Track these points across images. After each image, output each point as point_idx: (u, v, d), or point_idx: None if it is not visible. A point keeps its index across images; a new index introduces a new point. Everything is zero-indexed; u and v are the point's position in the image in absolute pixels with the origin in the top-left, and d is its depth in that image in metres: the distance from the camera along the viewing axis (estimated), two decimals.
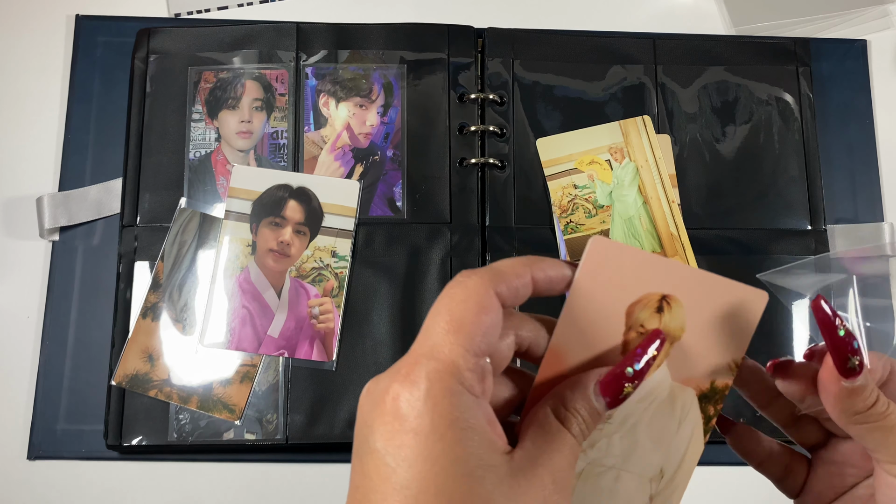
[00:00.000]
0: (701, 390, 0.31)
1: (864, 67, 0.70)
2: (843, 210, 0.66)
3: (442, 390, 0.25)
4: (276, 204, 0.61)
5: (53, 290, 0.61)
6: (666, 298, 0.30)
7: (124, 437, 0.57)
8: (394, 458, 0.24)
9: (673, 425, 0.31)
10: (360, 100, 0.64)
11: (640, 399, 0.31)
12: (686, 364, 0.31)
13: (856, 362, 0.29)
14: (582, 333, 0.30)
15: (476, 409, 0.25)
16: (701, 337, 0.31)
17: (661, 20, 0.71)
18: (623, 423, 0.31)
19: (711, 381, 0.31)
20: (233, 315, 0.59)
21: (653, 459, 0.31)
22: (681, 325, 0.31)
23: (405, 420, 0.25)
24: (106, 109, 0.65)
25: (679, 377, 0.31)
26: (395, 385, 0.25)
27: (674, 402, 0.31)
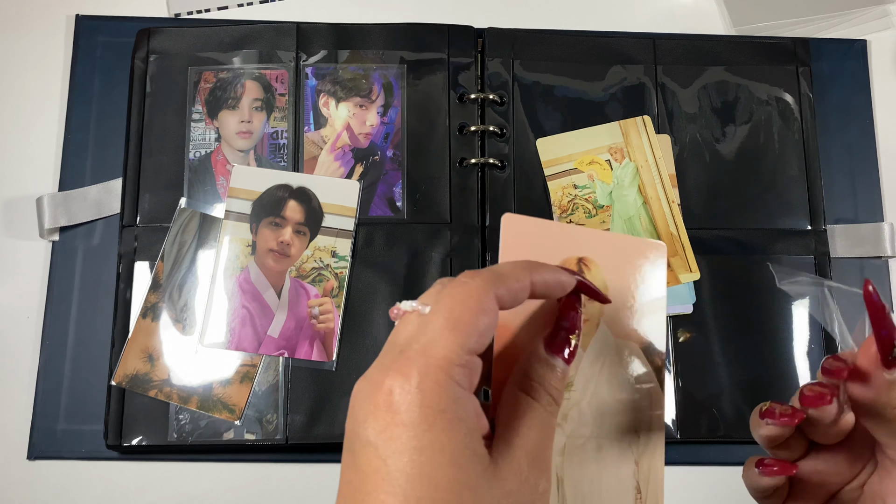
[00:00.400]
0: (641, 343, 0.33)
1: (864, 67, 0.70)
2: (843, 210, 0.66)
3: (432, 383, 0.26)
4: (276, 204, 0.61)
5: (53, 290, 0.61)
6: (582, 260, 0.33)
7: (124, 437, 0.57)
8: (385, 450, 0.25)
9: (629, 379, 0.33)
10: (360, 100, 0.64)
11: (591, 362, 0.33)
12: (619, 320, 0.33)
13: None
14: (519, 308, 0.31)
15: (465, 402, 0.26)
16: (623, 291, 0.33)
17: (661, 20, 0.71)
18: (585, 388, 0.32)
19: (646, 332, 0.33)
20: (233, 315, 0.59)
21: (624, 420, 0.32)
22: (602, 283, 0.33)
23: (397, 412, 0.25)
24: (106, 109, 0.65)
25: (620, 334, 0.33)
26: (388, 380, 0.26)
27: (622, 357, 0.33)
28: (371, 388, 0.26)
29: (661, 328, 0.33)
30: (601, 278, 0.33)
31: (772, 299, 0.62)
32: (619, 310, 0.33)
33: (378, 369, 0.27)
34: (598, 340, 0.33)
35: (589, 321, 0.33)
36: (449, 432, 0.25)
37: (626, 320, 0.33)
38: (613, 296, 0.33)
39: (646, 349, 0.33)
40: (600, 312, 0.33)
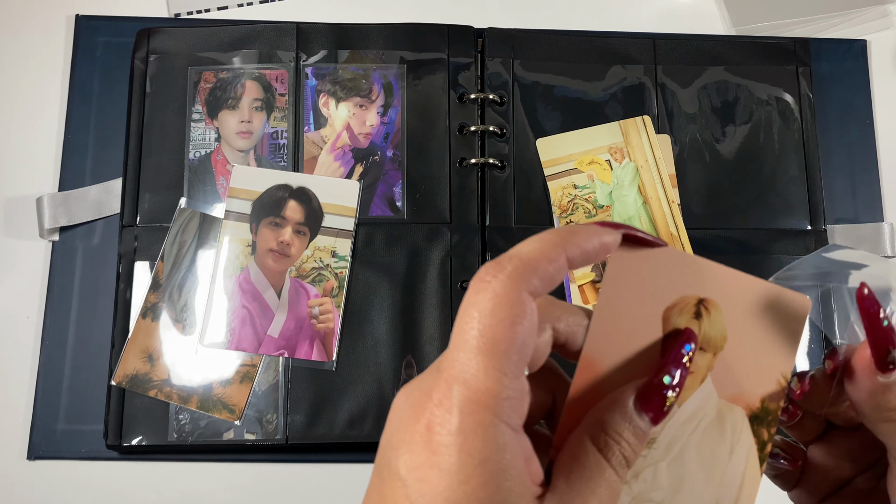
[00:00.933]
0: (751, 410, 0.28)
1: (864, 67, 0.70)
2: (842, 210, 0.66)
3: (474, 425, 0.22)
4: (276, 204, 0.61)
5: (53, 290, 0.61)
6: (703, 303, 0.28)
7: (124, 437, 0.57)
8: (414, 491, 0.23)
9: (724, 451, 0.28)
10: (360, 100, 0.64)
11: (685, 420, 0.28)
12: (731, 378, 0.28)
13: (894, 356, 0.28)
14: (616, 340, 0.27)
15: (513, 446, 0.23)
16: (744, 346, 0.28)
17: (661, 20, 0.71)
18: (669, 448, 0.28)
19: (761, 400, 0.28)
20: (233, 315, 0.59)
21: (705, 493, 0.28)
22: (721, 333, 0.28)
23: (433, 453, 0.23)
24: (106, 109, 0.65)
25: (726, 394, 0.28)
26: (428, 412, 0.23)
27: (723, 423, 0.28)
28: (411, 413, 0.23)
29: (780, 398, 0.28)
30: (721, 326, 0.28)
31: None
32: (734, 367, 0.28)
33: (420, 389, 0.24)
34: (700, 397, 0.28)
35: (694, 374, 0.28)
36: (488, 487, 0.22)
37: (741, 380, 0.28)
38: (731, 349, 0.28)
39: (754, 418, 0.28)
40: (709, 366, 0.28)
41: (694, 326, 0.27)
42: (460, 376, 0.23)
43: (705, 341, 0.28)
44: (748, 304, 0.28)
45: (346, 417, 0.58)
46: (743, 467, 0.28)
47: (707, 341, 0.28)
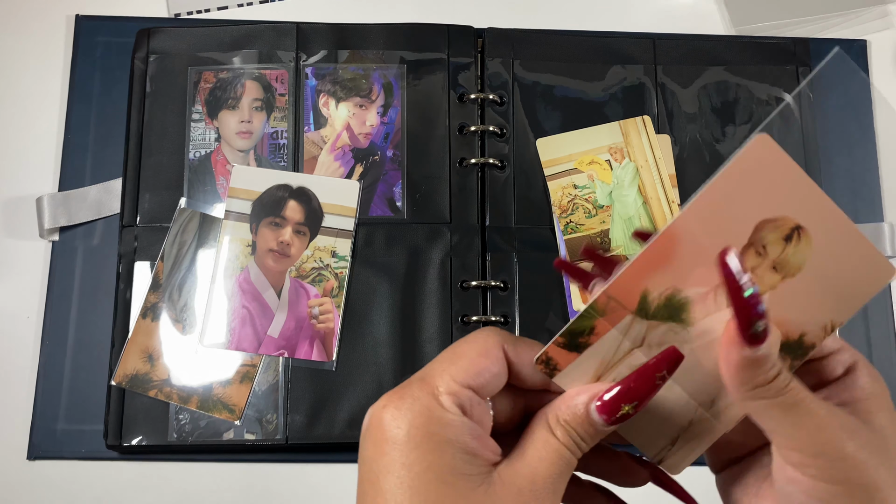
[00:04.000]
0: (788, 337, 0.29)
1: (864, 67, 0.70)
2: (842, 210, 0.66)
3: (422, 407, 0.28)
4: (276, 204, 0.61)
5: (53, 290, 0.61)
6: (800, 230, 0.28)
7: (124, 437, 0.57)
8: (378, 465, 0.27)
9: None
10: (359, 100, 0.64)
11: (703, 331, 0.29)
12: (786, 305, 0.29)
13: (761, 328, 0.26)
14: (705, 227, 0.28)
15: (457, 427, 0.28)
16: (814, 283, 0.29)
17: (661, 20, 0.71)
18: (701, 337, 0.29)
19: (801, 334, 0.29)
20: (233, 315, 0.59)
21: (709, 387, 0.29)
22: (800, 263, 0.29)
23: (387, 430, 0.27)
24: (106, 109, 0.65)
25: (774, 315, 0.28)
26: (385, 402, 0.28)
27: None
28: (372, 410, 0.28)
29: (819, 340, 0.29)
30: (804, 257, 0.28)
31: None
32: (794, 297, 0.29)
33: (385, 394, 0.29)
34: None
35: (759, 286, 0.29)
36: (436, 453, 0.27)
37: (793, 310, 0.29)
38: (801, 280, 0.29)
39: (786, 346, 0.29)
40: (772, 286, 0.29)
41: (778, 246, 0.28)
42: (422, 376, 0.29)
43: (782, 263, 0.28)
44: (839, 249, 0.29)
45: (346, 417, 0.58)
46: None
47: (784, 265, 0.28)
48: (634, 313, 0.29)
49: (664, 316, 0.29)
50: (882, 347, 0.63)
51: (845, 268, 0.29)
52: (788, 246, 0.28)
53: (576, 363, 0.29)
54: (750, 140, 0.28)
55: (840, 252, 0.29)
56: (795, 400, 0.27)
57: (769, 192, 0.28)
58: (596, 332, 0.29)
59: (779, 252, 0.28)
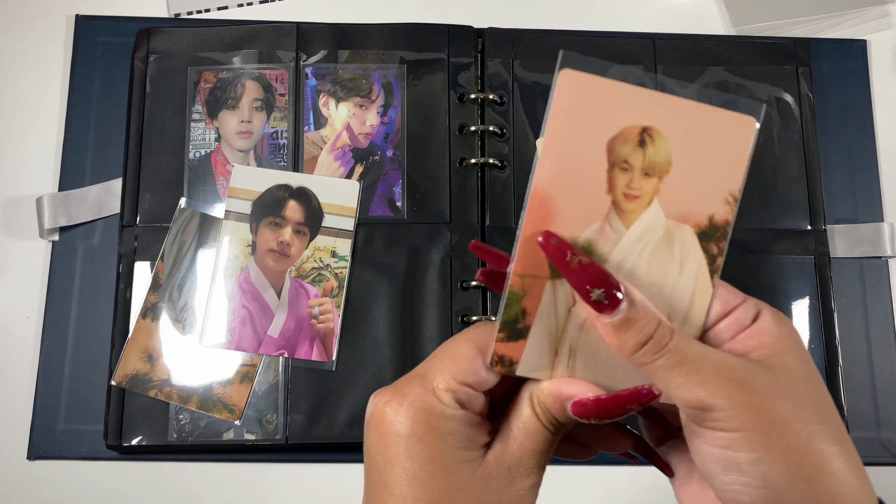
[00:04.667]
0: (700, 227, 0.30)
1: (864, 67, 0.70)
2: (842, 210, 0.66)
3: (423, 404, 0.29)
4: (276, 204, 0.61)
5: (53, 290, 0.61)
6: (647, 131, 0.29)
7: (124, 437, 0.57)
8: (382, 458, 0.29)
9: (674, 267, 0.30)
10: (359, 100, 0.64)
11: (634, 240, 0.30)
12: (679, 200, 0.30)
13: (600, 294, 0.27)
14: (563, 174, 0.29)
15: (456, 419, 0.29)
16: (691, 169, 0.30)
17: (660, 20, 0.71)
18: (619, 267, 0.29)
19: (709, 217, 0.30)
20: (233, 315, 0.59)
21: (656, 305, 0.29)
22: (666, 158, 0.29)
23: (391, 425, 0.29)
24: (106, 109, 0.65)
25: (673, 214, 0.30)
26: (388, 397, 0.30)
27: (671, 242, 0.30)
28: (374, 404, 0.30)
29: (728, 214, 0.30)
30: (666, 152, 0.29)
31: (772, 299, 0.62)
32: (681, 189, 0.30)
33: (387, 388, 0.30)
34: (648, 219, 0.30)
35: (641, 198, 0.30)
36: (439, 444, 0.29)
37: (688, 201, 0.30)
38: (678, 172, 0.29)
39: (703, 235, 0.30)
40: (655, 190, 0.29)
41: (638, 154, 0.29)
42: (423, 373, 0.30)
43: (650, 167, 0.29)
44: (694, 129, 0.29)
45: (346, 417, 0.58)
46: (693, 280, 0.30)
47: (652, 167, 0.29)
48: (551, 278, 0.29)
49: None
50: (882, 347, 0.63)
51: (710, 140, 0.30)
52: (646, 149, 0.29)
53: (528, 349, 0.30)
54: (556, 81, 0.28)
55: (696, 130, 0.29)
56: (678, 359, 0.27)
57: (599, 115, 0.29)
58: (528, 313, 0.29)
59: (641, 158, 0.29)
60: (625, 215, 0.29)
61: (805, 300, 0.63)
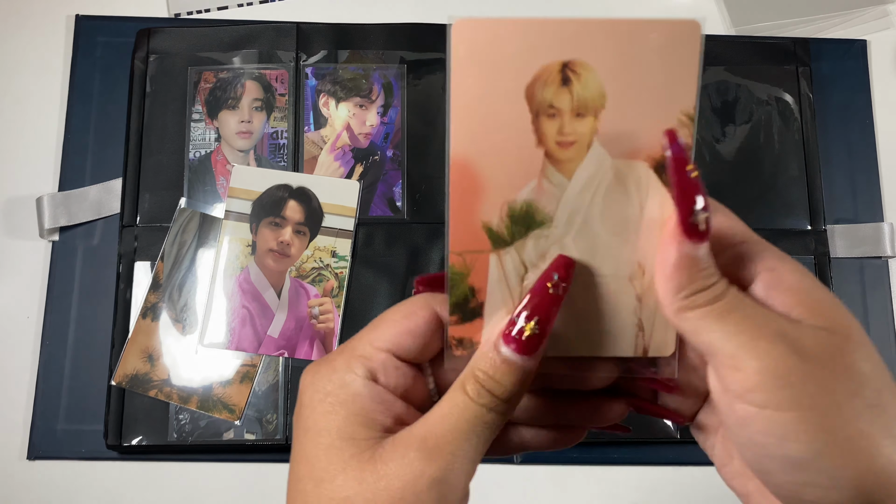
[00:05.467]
0: (655, 159, 0.26)
1: (864, 67, 0.70)
2: (843, 210, 0.66)
3: (330, 371, 0.27)
4: (276, 204, 0.61)
5: (53, 290, 0.61)
6: (569, 66, 0.25)
7: (124, 437, 0.57)
8: (293, 429, 0.28)
9: (633, 210, 0.26)
10: (360, 100, 0.64)
11: (580, 191, 0.26)
12: (623, 134, 0.26)
13: (702, 218, 0.24)
14: (481, 135, 0.26)
15: (354, 387, 0.27)
16: (631, 98, 0.26)
17: None
18: (570, 223, 0.26)
19: (664, 146, 0.26)
20: (233, 315, 0.59)
21: (623, 254, 0.26)
22: (598, 92, 0.25)
23: (302, 395, 0.27)
24: (106, 109, 0.65)
25: (621, 152, 0.26)
26: (311, 367, 0.28)
27: (624, 183, 0.26)
28: (302, 374, 0.28)
29: (687, 137, 0.26)
30: (596, 85, 0.25)
31: None
32: (624, 121, 0.26)
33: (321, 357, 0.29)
34: (590, 164, 0.26)
35: (577, 143, 0.26)
36: (328, 415, 0.26)
37: (636, 133, 0.26)
38: (617, 103, 0.25)
39: (662, 167, 0.26)
40: (593, 130, 0.26)
41: (564, 94, 0.25)
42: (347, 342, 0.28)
43: (581, 105, 0.26)
44: (624, 50, 0.25)
45: None
46: (659, 218, 0.26)
47: (583, 105, 0.26)
48: (493, 249, 0.27)
49: (521, 231, 0.27)
50: (882, 347, 0.63)
51: (647, 59, 0.26)
52: (571, 87, 0.26)
53: (486, 327, 0.28)
54: (450, 36, 0.25)
55: (627, 51, 0.25)
56: (732, 305, 0.24)
57: (507, 60, 0.25)
58: (477, 290, 0.27)
59: (568, 99, 0.26)
60: (563, 165, 0.26)
61: None
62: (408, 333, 0.27)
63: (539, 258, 0.27)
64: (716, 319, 0.24)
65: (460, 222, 0.27)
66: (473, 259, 0.27)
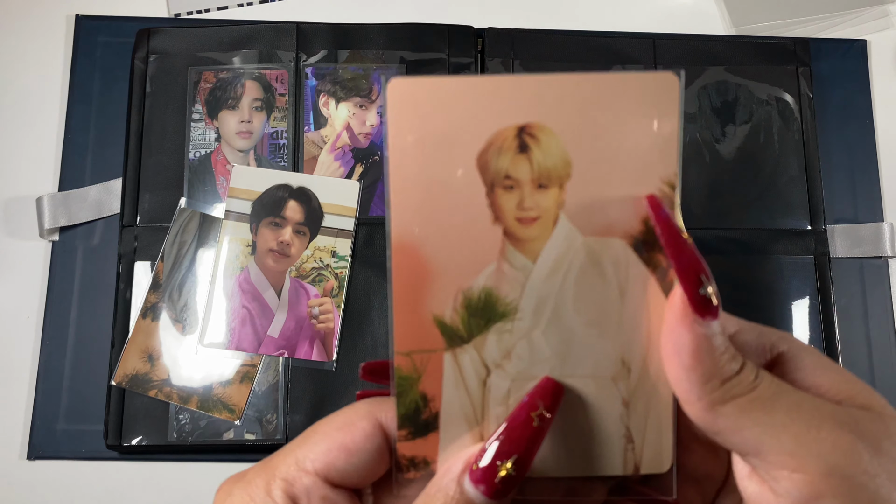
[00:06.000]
0: (632, 236, 0.23)
1: (864, 67, 0.70)
2: (843, 210, 0.66)
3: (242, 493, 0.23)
4: (276, 204, 0.61)
5: (53, 290, 0.61)
6: (526, 130, 0.22)
7: (124, 437, 0.57)
8: None
9: (612, 294, 0.23)
10: (360, 100, 0.64)
11: (547, 275, 0.23)
12: (595, 207, 0.22)
13: (710, 291, 0.20)
14: (426, 214, 0.22)
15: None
16: (602, 164, 0.22)
17: (660, 20, 0.71)
18: (538, 312, 0.23)
19: (644, 219, 0.23)
20: (233, 315, 0.59)
21: (603, 350, 0.23)
22: (561, 160, 0.22)
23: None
24: (106, 109, 0.65)
25: (592, 228, 0.23)
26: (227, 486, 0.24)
27: (599, 263, 0.23)
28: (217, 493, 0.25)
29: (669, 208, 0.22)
30: (559, 151, 0.22)
31: (772, 299, 0.62)
32: (594, 192, 0.22)
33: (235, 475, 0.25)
34: (559, 242, 0.23)
35: (541, 219, 0.23)
36: None
37: (607, 207, 0.22)
38: (582, 173, 0.22)
39: (640, 244, 0.23)
40: (559, 203, 0.22)
41: (522, 162, 0.22)
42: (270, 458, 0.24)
43: (542, 175, 0.22)
44: (591, 110, 0.22)
45: None
46: (643, 305, 0.23)
47: (545, 175, 0.22)
48: (448, 348, 0.23)
49: (480, 324, 0.23)
50: (882, 347, 0.63)
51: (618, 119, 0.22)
52: (530, 154, 0.22)
53: (444, 442, 0.23)
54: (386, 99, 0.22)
55: (593, 111, 0.22)
56: (774, 392, 0.20)
57: (453, 126, 0.22)
58: (430, 398, 0.23)
59: (527, 168, 0.22)
60: (526, 245, 0.23)
61: (805, 300, 0.63)
62: (342, 450, 0.23)
63: (503, 356, 0.23)
64: (761, 411, 0.20)
65: (406, 316, 0.23)
66: (424, 360, 0.23)
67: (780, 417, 0.20)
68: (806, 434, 0.19)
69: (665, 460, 0.24)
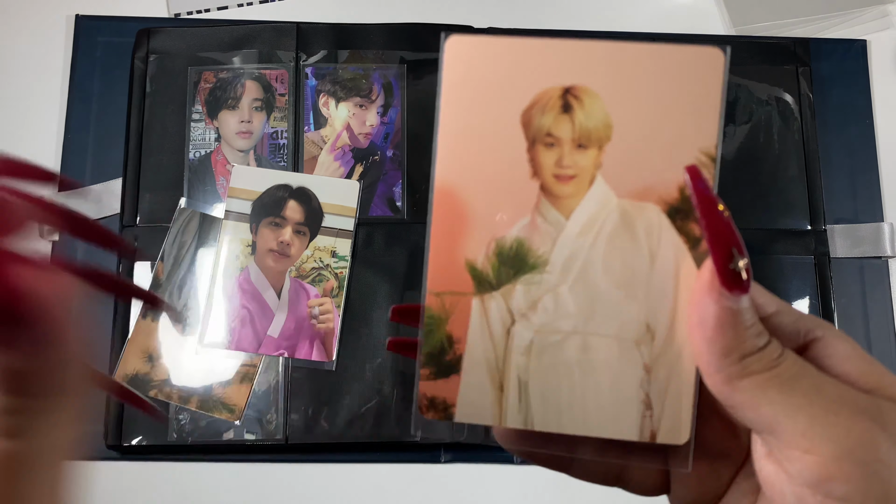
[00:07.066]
0: (668, 203, 0.23)
1: (864, 67, 0.70)
2: (843, 210, 0.66)
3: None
4: (276, 204, 0.61)
5: None
6: (571, 91, 0.23)
7: (124, 437, 0.57)
8: None
9: (642, 259, 0.23)
10: (359, 100, 0.64)
11: (579, 232, 0.23)
12: (632, 171, 0.23)
13: (741, 265, 0.20)
14: (470, 162, 0.23)
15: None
16: (642, 130, 0.23)
17: (660, 20, 0.71)
18: (567, 268, 0.23)
19: (679, 188, 0.23)
20: (233, 315, 0.59)
21: (628, 312, 0.23)
22: (603, 122, 0.23)
23: None
24: (106, 109, 0.65)
25: (628, 191, 0.23)
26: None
27: (632, 227, 0.23)
28: None
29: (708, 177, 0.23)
30: (601, 114, 0.23)
31: None
32: (632, 157, 0.23)
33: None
34: (593, 202, 0.23)
35: (578, 177, 0.23)
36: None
37: (644, 172, 0.23)
38: (626, 136, 0.23)
39: (675, 211, 0.23)
40: (596, 164, 0.23)
41: (565, 122, 0.23)
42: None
43: (583, 136, 0.23)
44: (636, 78, 0.23)
45: (346, 417, 0.58)
46: (673, 273, 0.23)
47: (586, 135, 0.23)
48: (476, 293, 0.24)
49: (510, 274, 0.24)
50: (882, 347, 0.63)
51: (663, 89, 0.23)
52: (573, 114, 0.23)
53: (464, 387, 0.24)
54: (443, 53, 0.23)
55: (640, 79, 0.23)
56: (796, 372, 0.20)
57: (503, 82, 0.23)
58: (456, 340, 0.24)
59: (569, 127, 0.23)
60: (560, 202, 0.23)
61: (805, 300, 0.63)
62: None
63: (529, 307, 0.24)
64: (779, 389, 0.20)
65: (441, 258, 0.24)
66: (454, 302, 0.24)
67: (797, 398, 0.20)
68: (822, 417, 0.19)
69: (683, 432, 0.23)
